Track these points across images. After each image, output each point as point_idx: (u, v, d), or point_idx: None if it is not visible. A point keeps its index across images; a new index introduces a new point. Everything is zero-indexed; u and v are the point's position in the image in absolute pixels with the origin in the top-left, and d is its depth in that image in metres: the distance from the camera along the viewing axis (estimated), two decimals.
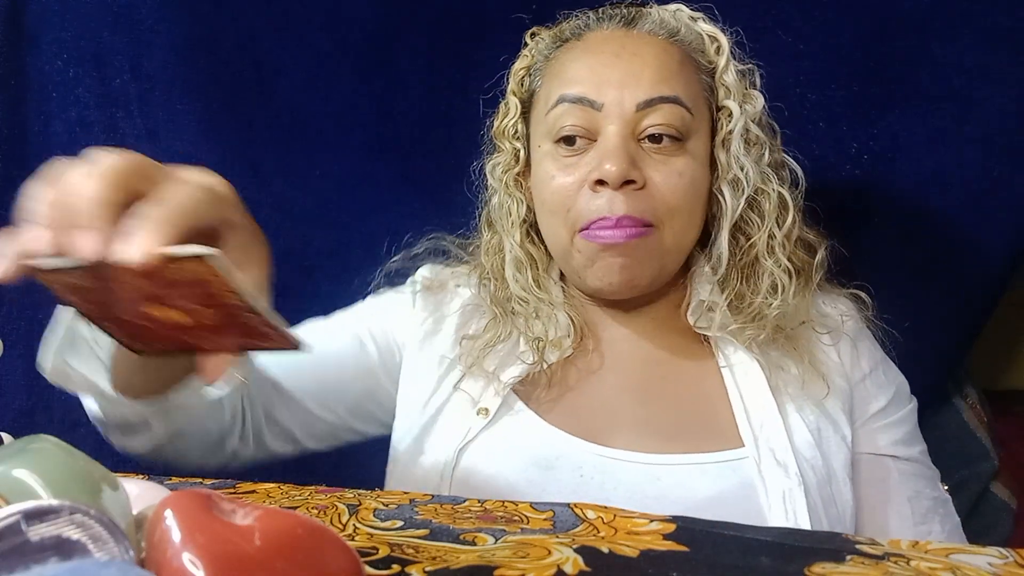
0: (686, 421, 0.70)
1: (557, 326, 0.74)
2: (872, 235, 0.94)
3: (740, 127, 0.72)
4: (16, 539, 0.24)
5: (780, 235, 0.72)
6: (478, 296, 0.78)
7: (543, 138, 0.74)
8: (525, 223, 0.77)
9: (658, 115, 0.69)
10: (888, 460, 0.73)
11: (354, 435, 0.81)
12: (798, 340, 0.72)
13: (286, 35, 0.98)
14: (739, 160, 0.72)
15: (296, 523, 0.28)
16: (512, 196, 0.77)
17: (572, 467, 0.67)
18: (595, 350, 0.76)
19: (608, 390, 0.73)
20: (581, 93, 0.70)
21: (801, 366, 0.71)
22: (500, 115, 0.80)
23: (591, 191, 0.69)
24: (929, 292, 0.93)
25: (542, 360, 0.72)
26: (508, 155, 0.78)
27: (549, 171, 0.72)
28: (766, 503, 0.64)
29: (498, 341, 0.73)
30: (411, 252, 0.83)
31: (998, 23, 0.88)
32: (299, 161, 0.99)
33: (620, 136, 0.68)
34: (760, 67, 0.75)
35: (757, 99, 0.74)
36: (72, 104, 0.95)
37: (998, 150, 0.89)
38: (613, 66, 0.70)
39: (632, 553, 0.34)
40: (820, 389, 0.70)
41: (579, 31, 0.76)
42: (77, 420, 0.97)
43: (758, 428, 0.68)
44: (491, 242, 0.79)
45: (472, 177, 0.82)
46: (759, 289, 0.72)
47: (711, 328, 0.72)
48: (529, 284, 0.75)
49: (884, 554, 0.31)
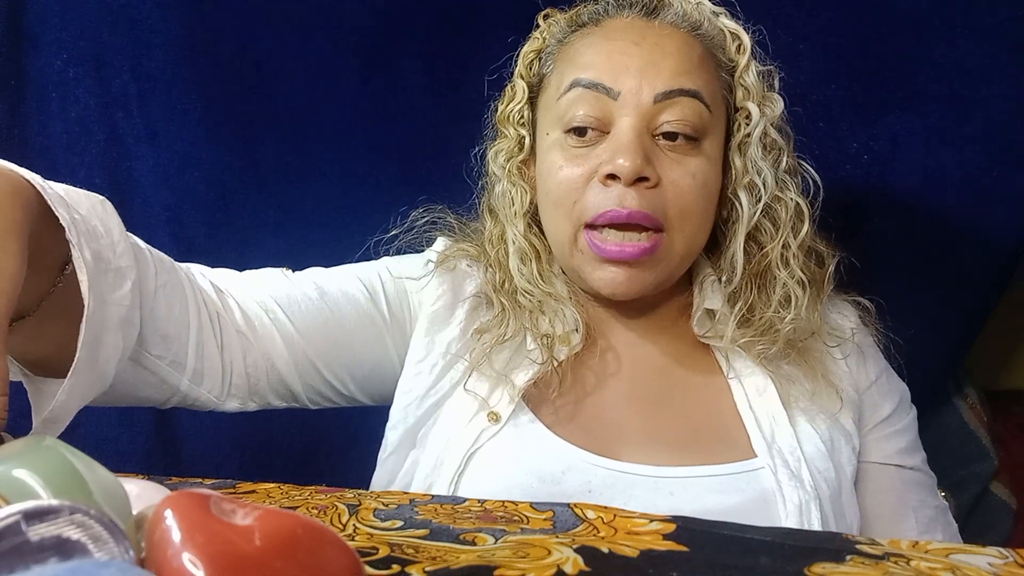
0: (696, 432, 0.68)
1: (564, 320, 0.70)
2: (872, 235, 0.94)
3: (759, 131, 0.69)
4: (16, 539, 0.24)
5: (795, 245, 0.70)
6: (486, 284, 0.75)
7: (552, 126, 0.71)
8: (528, 213, 0.74)
9: (676, 110, 0.66)
10: (893, 470, 0.72)
11: (353, 403, 0.77)
12: (809, 353, 0.70)
13: (286, 35, 0.98)
14: (756, 164, 0.69)
15: (296, 523, 0.28)
16: (516, 185, 0.74)
17: (580, 482, 0.64)
18: (604, 353, 0.73)
19: (616, 399, 0.70)
20: (596, 78, 0.67)
21: (813, 380, 0.69)
22: (506, 99, 0.76)
23: (601, 184, 0.66)
24: (929, 292, 0.93)
25: (552, 358, 0.68)
26: (512, 141, 0.74)
27: (556, 161, 0.69)
28: (783, 515, 0.62)
29: (507, 337, 0.70)
30: (419, 221, 0.79)
31: (998, 23, 0.88)
32: (299, 161, 0.99)
33: (635, 130, 0.65)
34: (779, 66, 0.73)
35: (777, 102, 0.71)
36: (72, 104, 0.95)
37: (998, 150, 0.90)
38: (632, 54, 0.67)
39: (632, 553, 0.34)
40: (833, 403, 0.68)
41: (597, 17, 0.73)
42: (77, 420, 0.97)
43: (770, 438, 0.66)
44: (494, 231, 0.76)
45: (473, 163, 0.80)
46: (771, 301, 0.69)
47: (722, 340, 0.69)
48: (534, 276, 0.72)
49: (884, 554, 0.31)
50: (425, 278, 0.75)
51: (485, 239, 0.76)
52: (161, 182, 0.97)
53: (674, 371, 0.72)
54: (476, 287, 0.75)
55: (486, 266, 0.75)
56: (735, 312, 0.69)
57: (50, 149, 0.94)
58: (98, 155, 0.95)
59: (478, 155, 0.80)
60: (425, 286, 0.75)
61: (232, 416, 0.82)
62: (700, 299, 0.73)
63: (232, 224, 0.98)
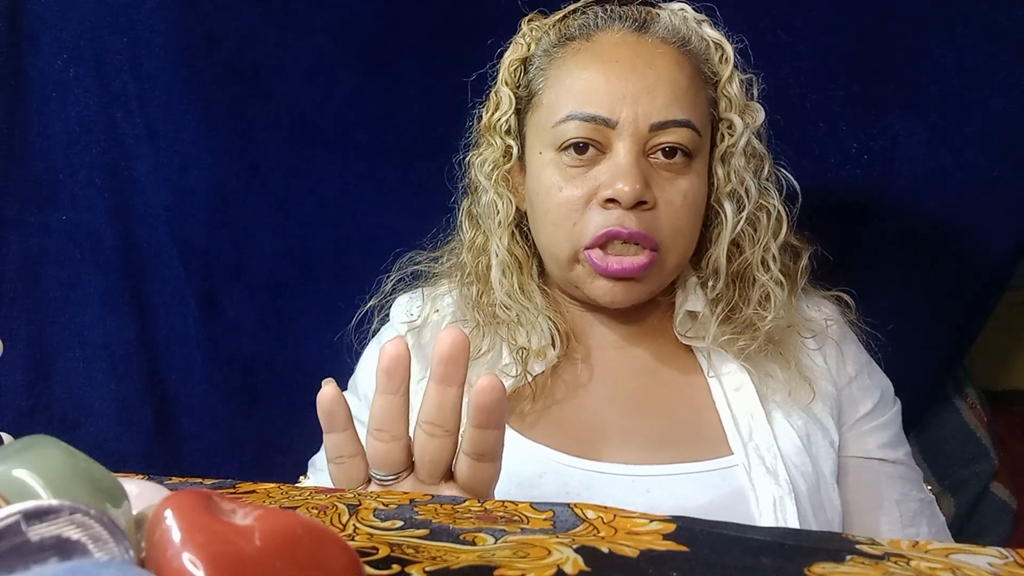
0: (674, 430, 0.69)
1: (541, 334, 0.71)
2: (871, 235, 0.94)
3: (743, 142, 0.70)
4: (16, 539, 0.24)
5: (775, 248, 0.72)
6: (459, 302, 0.76)
7: (545, 147, 0.71)
8: (512, 223, 0.74)
9: (670, 135, 0.67)
10: (875, 463, 0.72)
11: None
12: (784, 345, 0.72)
13: (286, 35, 0.98)
14: (739, 175, 0.70)
15: (296, 523, 0.28)
16: (501, 196, 0.74)
17: (557, 484, 0.66)
18: (582, 360, 0.74)
19: (595, 401, 0.72)
20: (595, 112, 0.67)
21: (787, 372, 0.70)
22: (491, 108, 0.76)
23: (600, 207, 0.67)
24: (929, 292, 0.94)
25: (526, 373, 0.70)
26: (498, 151, 0.74)
27: (555, 181, 0.69)
28: (757, 511, 0.64)
29: (481, 352, 0.71)
30: (385, 284, 0.80)
31: (998, 23, 0.88)
32: (299, 161, 0.99)
33: (632, 154, 0.66)
34: (759, 75, 0.74)
35: (758, 112, 0.72)
36: (72, 104, 0.95)
37: (998, 150, 0.90)
38: (627, 80, 0.67)
39: (632, 553, 0.34)
40: (806, 394, 0.70)
41: (587, 31, 0.72)
42: (77, 420, 0.97)
43: (747, 435, 0.68)
44: (475, 240, 0.76)
45: (456, 170, 0.80)
46: (751, 300, 0.71)
47: (704, 340, 0.71)
48: (514, 290, 0.72)
49: (884, 554, 0.31)
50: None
51: (465, 248, 0.77)
52: (161, 182, 0.97)
53: (656, 372, 0.74)
54: (446, 316, 0.76)
55: (462, 277, 0.76)
56: (716, 312, 0.71)
57: (50, 149, 0.94)
58: (98, 155, 0.95)
59: (460, 161, 0.79)
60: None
61: (232, 416, 0.82)
62: (682, 300, 0.74)
63: (232, 224, 0.98)
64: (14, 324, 0.95)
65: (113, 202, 0.95)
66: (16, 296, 0.94)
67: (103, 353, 0.95)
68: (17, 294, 0.94)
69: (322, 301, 0.97)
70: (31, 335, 0.94)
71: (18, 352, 0.94)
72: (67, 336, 0.94)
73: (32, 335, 0.94)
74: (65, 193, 0.94)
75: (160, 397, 0.97)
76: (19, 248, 0.93)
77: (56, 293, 0.95)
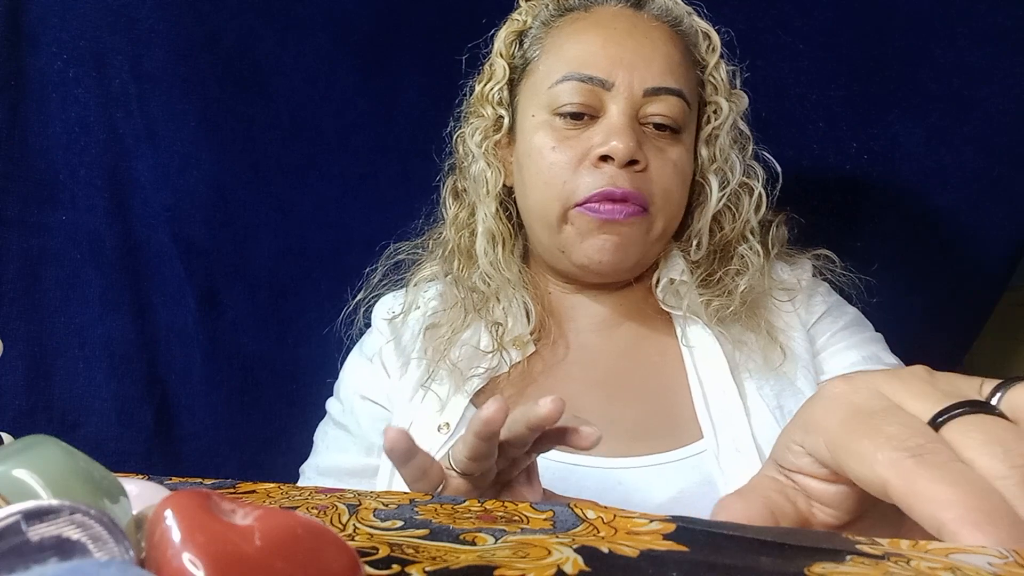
0: (650, 417, 0.69)
1: (516, 314, 0.72)
2: (872, 235, 0.94)
3: (729, 123, 0.73)
4: (16, 539, 0.24)
5: (754, 222, 0.73)
6: (444, 291, 0.76)
7: (539, 108, 0.71)
8: (500, 195, 0.75)
9: (662, 105, 0.69)
10: None
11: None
12: (756, 307, 0.72)
13: (286, 35, 0.98)
14: (725, 153, 0.73)
15: (296, 523, 0.28)
16: (491, 165, 0.74)
17: None
18: (559, 340, 0.74)
19: (573, 386, 0.71)
20: (592, 73, 0.68)
21: (760, 336, 0.70)
22: (483, 78, 0.77)
23: (592, 166, 0.68)
24: (928, 291, 0.94)
25: (502, 362, 0.71)
26: (489, 121, 0.75)
27: (546, 142, 0.70)
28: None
29: (462, 329, 0.72)
30: (372, 277, 0.81)
31: (998, 23, 0.88)
32: (299, 161, 0.99)
33: (627, 115, 0.68)
34: (745, 67, 0.76)
35: (742, 98, 0.75)
36: (72, 104, 0.95)
37: (998, 150, 0.90)
38: (625, 45, 0.69)
39: (632, 553, 0.34)
40: (778, 356, 0.70)
41: (586, 3, 0.74)
42: (77, 420, 0.97)
43: (718, 417, 0.67)
44: (460, 214, 0.77)
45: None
46: (729, 270, 0.72)
47: (680, 306, 0.71)
48: (497, 260, 0.73)
49: (884, 554, 0.31)
50: (380, 377, 0.77)
51: (448, 225, 0.77)
52: (161, 182, 0.97)
53: (635, 353, 0.74)
54: (431, 300, 0.77)
55: (445, 255, 0.77)
56: (695, 277, 0.72)
57: (50, 149, 0.94)
58: (98, 155, 0.95)
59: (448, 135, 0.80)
60: (383, 382, 0.77)
61: (232, 416, 0.82)
62: (664, 269, 0.75)
63: (232, 224, 0.98)
64: (14, 324, 0.95)
65: (113, 202, 0.95)
66: (16, 296, 0.94)
67: (103, 353, 0.95)
68: (17, 294, 0.94)
69: (322, 301, 0.97)
70: (31, 335, 0.94)
71: (18, 352, 0.94)
72: (67, 336, 0.94)
73: (32, 335, 0.94)
74: (65, 193, 0.94)
75: (160, 397, 0.96)
76: (19, 248, 0.93)
77: (56, 293, 0.94)
